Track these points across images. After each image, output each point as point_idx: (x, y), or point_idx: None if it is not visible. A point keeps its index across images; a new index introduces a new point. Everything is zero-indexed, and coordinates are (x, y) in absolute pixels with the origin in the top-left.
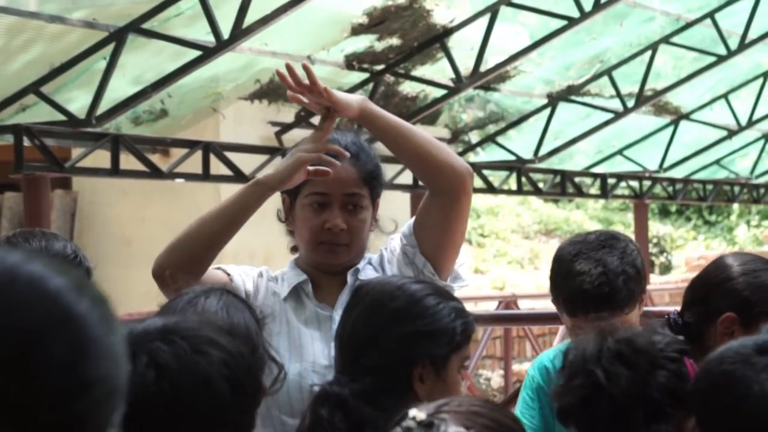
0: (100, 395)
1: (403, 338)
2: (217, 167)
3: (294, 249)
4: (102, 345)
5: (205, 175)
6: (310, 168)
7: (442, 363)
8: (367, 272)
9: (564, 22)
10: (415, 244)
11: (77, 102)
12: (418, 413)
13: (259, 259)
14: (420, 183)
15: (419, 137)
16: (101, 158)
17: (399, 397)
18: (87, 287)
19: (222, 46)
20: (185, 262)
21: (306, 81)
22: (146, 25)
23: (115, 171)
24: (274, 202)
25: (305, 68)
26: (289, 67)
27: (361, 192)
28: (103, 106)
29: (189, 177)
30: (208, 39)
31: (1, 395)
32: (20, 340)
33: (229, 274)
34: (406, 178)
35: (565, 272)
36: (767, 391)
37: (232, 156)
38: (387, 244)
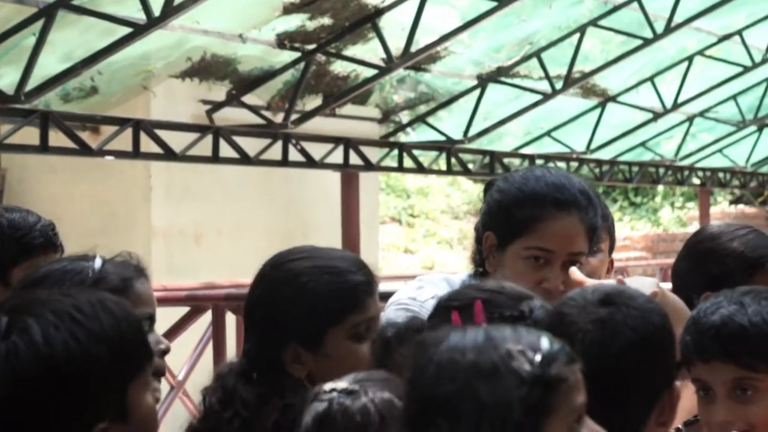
0: None
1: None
2: (147, 145)
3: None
4: None
5: (135, 153)
6: None
7: (315, 340)
8: None
9: (494, 4)
10: None
11: (6, 78)
12: (337, 384)
13: (189, 238)
14: (350, 161)
15: None
16: (30, 135)
17: (275, 378)
18: None
19: (153, 23)
20: None
21: None
22: (76, 1)
23: (44, 148)
24: (199, 176)
25: None
26: None
27: (584, 250)
28: (32, 82)
29: (119, 154)
30: (139, 16)
31: None
32: None
33: None
34: (337, 156)
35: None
36: (585, 341)
37: (162, 134)
38: None
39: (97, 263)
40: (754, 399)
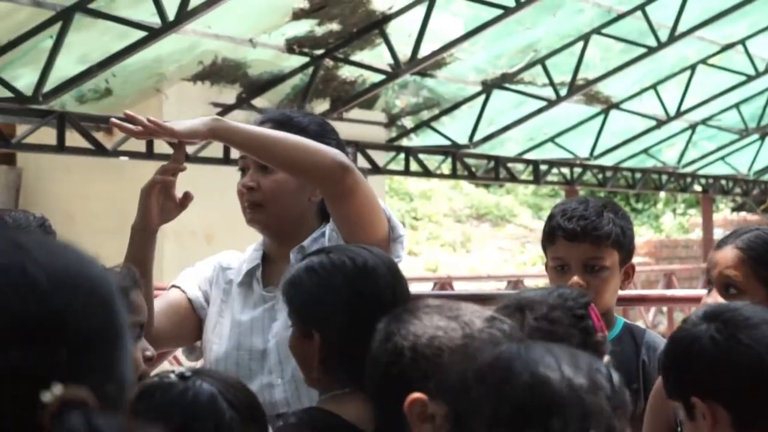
0: None
1: None
2: (160, 146)
3: None
4: None
5: (149, 154)
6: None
7: None
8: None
9: (499, 12)
10: (339, 233)
11: (24, 79)
12: (179, 370)
13: (200, 239)
14: (358, 165)
15: (282, 145)
16: (46, 135)
17: None
18: None
19: (167, 27)
20: None
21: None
22: (93, 5)
23: (60, 148)
24: (210, 178)
25: (127, 115)
26: (128, 117)
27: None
28: (50, 84)
29: (132, 155)
30: (154, 20)
31: None
32: None
33: (184, 291)
34: None
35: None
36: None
37: None
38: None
39: None
40: (600, 273)
